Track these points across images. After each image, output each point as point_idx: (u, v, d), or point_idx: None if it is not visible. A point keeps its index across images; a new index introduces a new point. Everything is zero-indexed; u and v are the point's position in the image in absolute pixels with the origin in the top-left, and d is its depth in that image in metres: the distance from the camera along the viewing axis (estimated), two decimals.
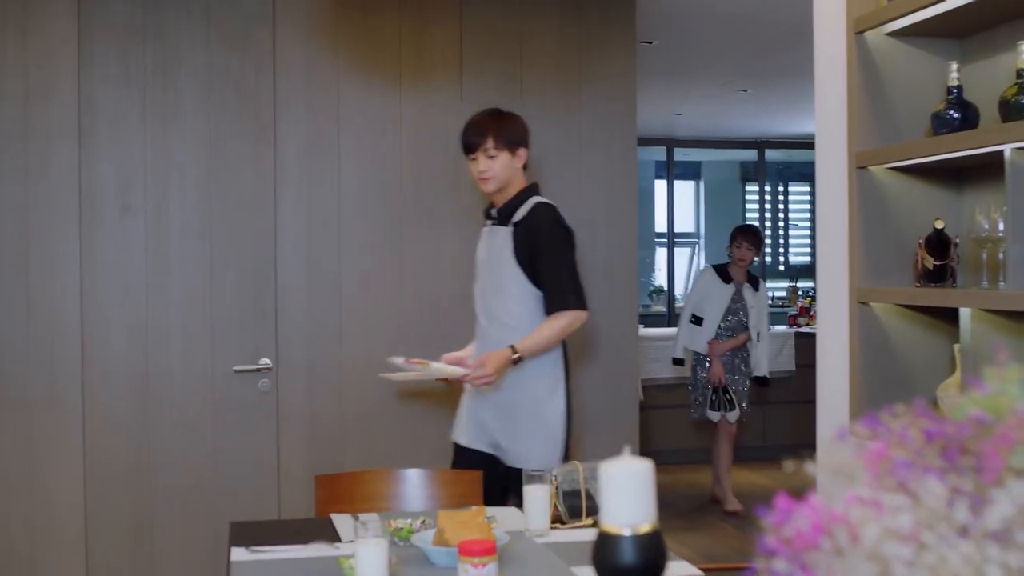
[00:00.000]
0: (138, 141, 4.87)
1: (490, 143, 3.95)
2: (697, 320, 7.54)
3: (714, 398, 7.46)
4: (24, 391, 4.72)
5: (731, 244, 7.54)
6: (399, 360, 3.98)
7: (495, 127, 3.98)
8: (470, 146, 3.99)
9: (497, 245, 4.01)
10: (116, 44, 4.85)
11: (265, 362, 4.94)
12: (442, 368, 3.92)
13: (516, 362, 3.82)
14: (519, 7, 5.28)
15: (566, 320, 3.89)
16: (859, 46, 3.29)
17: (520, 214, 3.98)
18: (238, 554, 2.80)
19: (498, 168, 3.96)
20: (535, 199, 4.01)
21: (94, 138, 4.83)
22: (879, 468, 1.04)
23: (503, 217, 4.02)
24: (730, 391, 7.45)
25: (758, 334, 7.47)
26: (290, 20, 5.03)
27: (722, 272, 7.57)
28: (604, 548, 1.57)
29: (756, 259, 7.72)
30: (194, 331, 4.90)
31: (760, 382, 7.61)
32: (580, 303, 3.92)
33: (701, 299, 7.57)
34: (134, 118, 4.86)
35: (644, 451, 1.62)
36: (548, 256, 3.92)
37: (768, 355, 7.61)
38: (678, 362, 7.71)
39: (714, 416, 7.52)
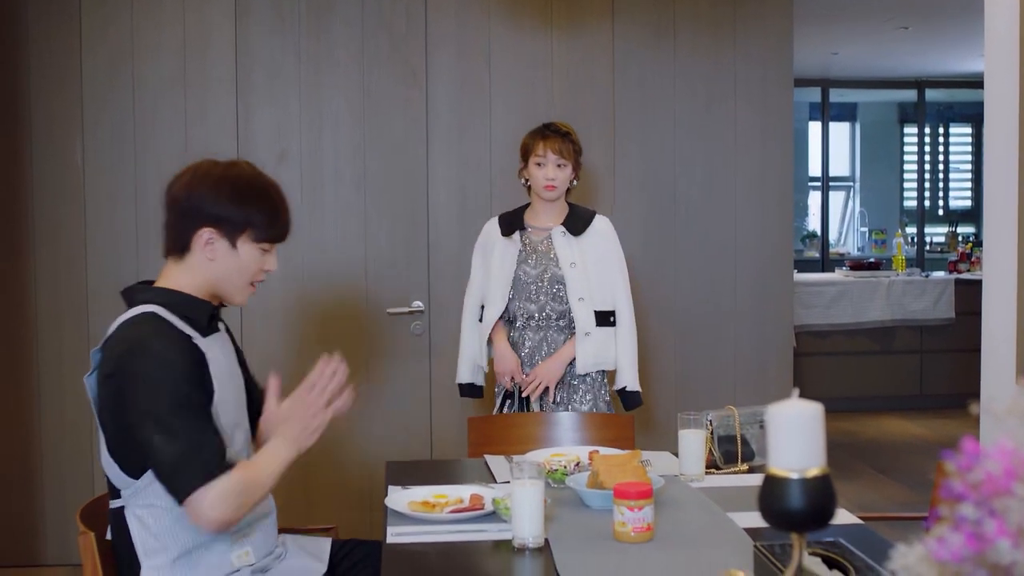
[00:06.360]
0: (293, 89, 4.94)
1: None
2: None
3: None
4: None
5: (526, 161, 4.03)
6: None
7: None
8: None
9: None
10: None
11: (418, 305, 4.99)
12: None
13: None
14: None
15: None
16: None
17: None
18: (394, 492, 2.84)
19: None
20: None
21: (250, 86, 4.92)
22: None
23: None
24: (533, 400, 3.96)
25: (595, 314, 3.95)
26: None
27: (511, 219, 4.10)
28: (771, 492, 1.53)
29: (575, 181, 4.05)
30: (348, 274, 4.98)
31: (628, 400, 4.03)
32: None
33: (484, 271, 4.14)
34: (289, 66, 4.94)
35: None
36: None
37: (632, 353, 4.02)
38: (468, 391, 4.20)
39: None
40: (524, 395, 3.92)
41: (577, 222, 4.00)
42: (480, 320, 4.09)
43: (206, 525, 2.34)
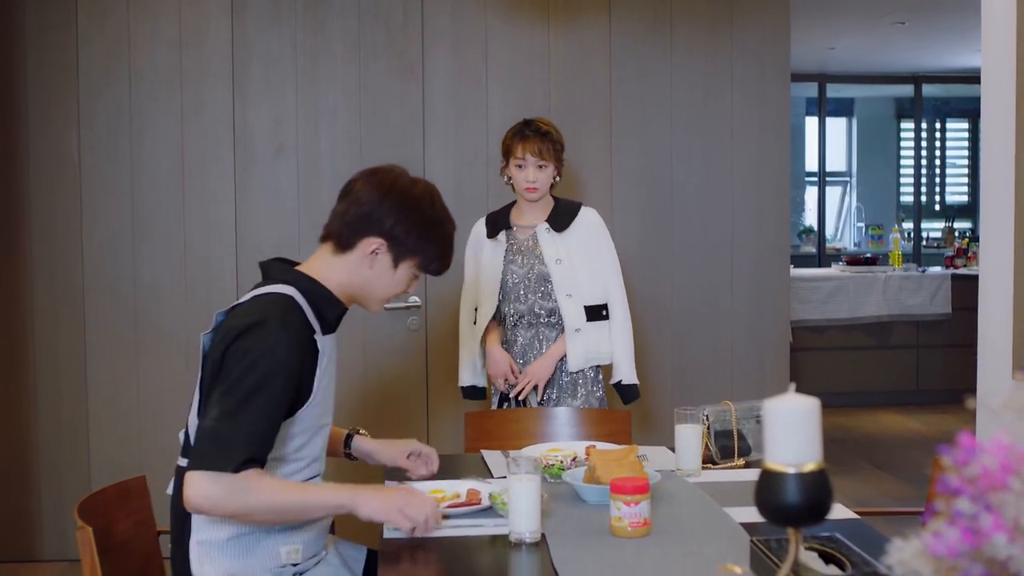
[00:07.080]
0: (290, 82, 4.94)
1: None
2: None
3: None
4: (181, 326, 4.87)
5: (507, 161, 3.95)
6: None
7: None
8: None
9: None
10: None
11: (414, 300, 4.99)
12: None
13: None
14: None
15: None
16: None
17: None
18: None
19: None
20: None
21: (247, 80, 4.92)
22: None
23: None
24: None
25: (585, 310, 3.90)
26: None
27: (496, 219, 4.07)
28: (768, 487, 1.53)
29: (558, 177, 3.95)
30: None
31: (625, 394, 3.97)
32: None
33: (475, 273, 4.11)
34: (285, 59, 4.93)
35: None
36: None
37: (627, 345, 3.95)
38: (471, 393, 4.16)
39: None
40: (513, 396, 3.89)
41: (561, 217, 3.93)
42: (475, 323, 4.05)
43: (185, 497, 2.28)
